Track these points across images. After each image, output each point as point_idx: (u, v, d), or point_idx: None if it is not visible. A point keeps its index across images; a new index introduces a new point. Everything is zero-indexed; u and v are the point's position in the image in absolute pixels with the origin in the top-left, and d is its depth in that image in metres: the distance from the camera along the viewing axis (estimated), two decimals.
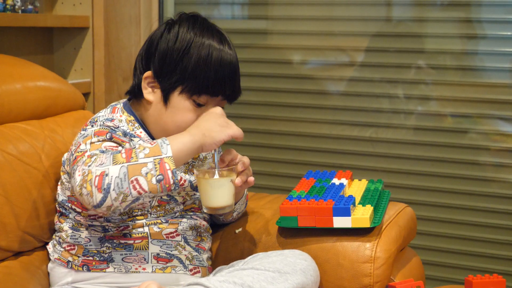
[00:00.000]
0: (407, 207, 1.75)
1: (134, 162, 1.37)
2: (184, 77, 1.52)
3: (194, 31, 1.54)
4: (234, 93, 1.57)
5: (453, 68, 2.37)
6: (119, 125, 1.53)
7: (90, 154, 1.42)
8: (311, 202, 1.59)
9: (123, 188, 1.36)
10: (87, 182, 1.36)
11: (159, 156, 1.38)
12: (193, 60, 1.52)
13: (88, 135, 1.49)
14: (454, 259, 2.39)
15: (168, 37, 1.55)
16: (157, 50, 1.55)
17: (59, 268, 1.57)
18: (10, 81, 1.70)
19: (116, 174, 1.36)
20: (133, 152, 1.38)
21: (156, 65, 1.55)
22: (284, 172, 2.57)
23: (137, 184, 1.36)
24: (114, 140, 1.49)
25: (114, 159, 1.37)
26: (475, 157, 2.35)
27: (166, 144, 1.40)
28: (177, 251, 1.56)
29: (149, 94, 1.56)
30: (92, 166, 1.37)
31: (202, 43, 1.53)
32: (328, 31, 2.51)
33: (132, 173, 1.36)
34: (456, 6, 2.36)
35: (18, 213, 1.55)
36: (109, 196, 1.36)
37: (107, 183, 1.35)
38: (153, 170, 1.37)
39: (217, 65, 1.52)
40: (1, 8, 2.06)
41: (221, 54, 1.53)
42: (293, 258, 1.52)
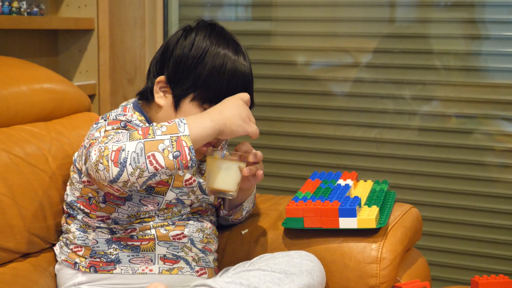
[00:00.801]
0: (412, 208, 1.75)
1: (151, 138, 1.37)
2: (197, 85, 1.52)
3: (210, 39, 1.55)
4: None
5: (457, 69, 2.38)
6: (131, 119, 1.54)
7: (106, 135, 1.42)
8: (317, 203, 1.59)
9: (139, 162, 1.36)
10: (103, 157, 1.36)
11: (176, 134, 1.39)
12: (206, 69, 1.52)
13: (101, 125, 1.50)
14: (460, 260, 2.39)
15: (184, 43, 1.55)
16: (172, 55, 1.56)
17: (66, 269, 1.57)
18: (16, 84, 1.70)
19: (133, 149, 1.36)
20: (150, 129, 1.39)
21: (170, 70, 1.55)
22: (289, 173, 2.57)
23: (154, 159, 1.36)
24: (128, 128, 1.50)
25: (130, 136, 1.38)
26: (480, 157, 2.35)
27: (184, 124, 1.41)
28: (184, 252, 1.56)
29: (160, 98, 1.56)
30: (109, 143, 1.38)
31: (217, 53, 1.53)
32: (332, 32, 2.51)
33: (148, 148, 1.36)
34: (460, 6, 2.36)
35: (25, 215, 1.56)
36: (125, 170, 1.35)
37: (124, 157, 1.35)
38: (170, 147, 1.37)
39: (230, 76, 1.53)
40: (6, 11, 2.07)
41: (235, 65, 1.53)
42: (299, 259, 1.53)
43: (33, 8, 2.17)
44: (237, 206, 1.69)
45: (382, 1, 2.43)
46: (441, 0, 2.38)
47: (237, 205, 1.69)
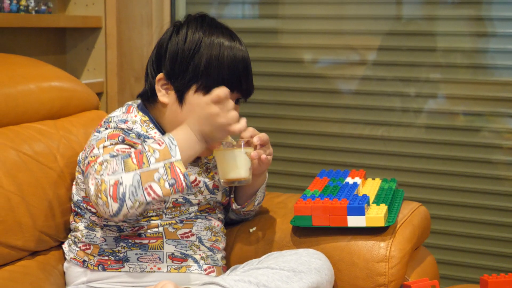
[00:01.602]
0: (421, 206, 1.75)
1: (146, 168, 1.37)
2: (198, 75, 1.52)
3: (203, 30, 1.54)
4: (249, 88, 1.58)
5: (465, 66, 2.37)
6: (132, 127, 1.53)
7: (101, 161, 1.42)
8: (325, 201, 1.59)
9: (137, 195, 1.37)
10: (101, 192, 1.37)
11: (169, 160, 1.39)
12: (204, 58, 1.52)
13: (101, 138, 1.49)
14: (469, 258, 2.39)
15: (177, 39, 1.55)
16: (167, 52, 1.55)
17: (75, 267, 1.57)
18: (24, 82, 1.70)
19: (130, 182, 1.36)
20: (144, 157, 1.39)
21: (168, 66, 1.55)
22: (296, 171, 2.57)
23: (151, 190, 1.37)
24: (126, 142, 1.49)
25: (125, 165, 1.38)
26: (488, 155, 2.35)
27: (175, 146, 1.40)
28: (192, 251, 1.56)
29: (163, 96, 1.56)
30: (104, 174, 1.37)
31: (212, 41, 1.53)
32: (338, 30, 2.51)
33: (145, 180, 1.37)
34: (466, 4, 2.36)
35: (34, 213, 1.56)
36: (124, 204, 1.37)
37: (122, 192, 1.36)
38: (165, 175, 1.38)
39: (229, 61, 1.52)
40: (14, 9, 2.08)
41: (232, 51, 1.53)
42: (308, 257, 1.53)
43: (41, 6, 2.17)
44: (251, 197, 1.68)
45: None
46: None
47: (250, 195, 1.68)
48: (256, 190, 1.67)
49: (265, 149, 1.58)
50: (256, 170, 1.58)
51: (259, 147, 1.56)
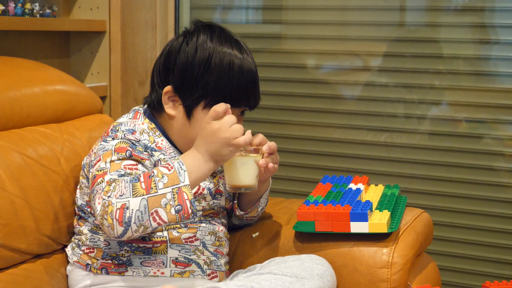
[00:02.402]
0: (423, 213, 1.75)
1: (153, 193, 1.38)
2: (207, 93, 1.52)
3: (213, 42, 1.54)
4: (256, 101, 1.58)
5: (467, 73, 2.37)
6: (140, 138, 1.53)
7: (109, 180, 1.42)
8: (328, 207, 1.59)
9: (143, 220, 1.38)
10: (108, 214, 1.38)
11: (177, 185, 1.40)
12: (214, 75, 1.52)
13: (108, 149, 1.49)
14: (471, 265, 2.39)
15: (187, 49, 1.54)
16: (176, 64, 1.55)
17: (78, 270, 1.57)
18: (29, 85, 1.71)
19: (137, 207, 1.38)
20: (152, 182, 1.39)
21: (177, 80, 1.54)
22: (298, 177, 2.57)
23: (157, 215, 1.38)
24: (133, 158, 1.49)
25: (134, 189, 1.39)
26: (490, 162, 2.35)
27: (184, 171, 1.41)
28: (196, 255, 1.57)
29: (171, 108, 1.56)
30: (112, 196, 1.38)
31: (223, 56, 1.52)
32: (342, 36, 2.51)
33: (152, 205, 1.38)
34: (469, 11, 2.36)
35: (37, 216, 1.56)
36: (130, 228, 1.38)
37: (128, 216, 1.37)
38: (172, 201, 1.39)
39: (239, 77, 1.53)
40: (19, 12, 2.08)
41: (242, 64, 1.53)
42: (310, 263, 1.53)
43: (45, 10, 2.18)
44: (254, 203, 1.69)
45: (392, 5, 2.43)
46: (451, 5, 2.38)
47: (254, 202, 1.68)
48: (260, 196, 1.68)
49: (273, 157, 1.58)
50: (261, 177, 1.58)
51: (267, 155, 1.56)
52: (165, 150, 1.56)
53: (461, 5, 2.37)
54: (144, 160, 1.50)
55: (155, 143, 1.55)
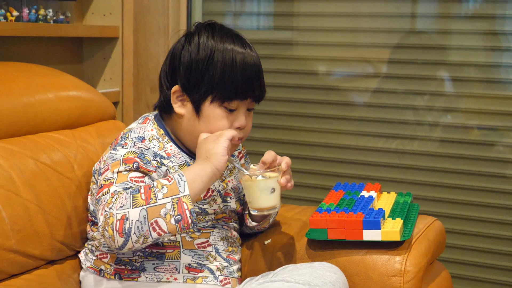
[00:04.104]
0: (436, 221, 1.75)
1: (153, 204, 1.40)
2: (213, 86, 1.53)
3: (214, 38, 1.56)
4: (261, 93, 1.59)
5: (478, 80, 2.37)
6: (149, 145, 1.54)
7: (114, 193, 1.43)
8: (341, 214, 1.59)
9: (143, 230, 1.39)
10: (109, 225, 1.39)
11: (177, 196, 1.41)
12: (219, 68, 1.53)
13: (117, 159, 1.50)
14: (483, 273, 2.38)
15: (189, 48, 1.56)
16: (181, 63, 1.57)
17: (91, 276, 1.58)
18: (43, 91, 1.72)
19: (136, 217, 1.39)
20: (152, 192, 1.41)
21: (183, 78, 1.56)
22: (310, 183, 2.57)
23: (157, 225, 1.40)
24: (140, 170, 1.50)
25: (134, 200, 1.40)
26: (502, 169, 2.35)
27: (184, 182, 1.43)
28: (208, 261, 1.57)
29: (180, 107, 1.57)
30: (113, 208, 1.40)
31: (225, 50, 1.54)
32: (353, 43, 2.51)
33: (151, 215, 1.39)
34: (480, 18, 2.36)
35: (51, 222, 1.57)
36: (130, 239, 1.39)
37: (128, 227, 1.39)
38: (172, 211, 1.40)
39: (242, 69, 1.54)
40: (33, 18, 2.09)
41: (244, 57, 1.54)
42: (323, 270, 1.53)
43: (59, 16, 2.19)
44: (266, 216, 1.70)
45: (403, 12, 2.43)
46: (462, 12, 2.38)
47: (266, 215, 1.69)
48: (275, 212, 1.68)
49: (289, 172, 1.59)
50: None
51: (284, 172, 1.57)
52: (174, 155, 1.57)
53: (472, 12, 2.37)
54: (151, 172, 1.50)
55: (164, 149, 1.56)
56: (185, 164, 1.57)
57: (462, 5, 2.39)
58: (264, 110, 2.57)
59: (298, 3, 2.57)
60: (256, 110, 1.64)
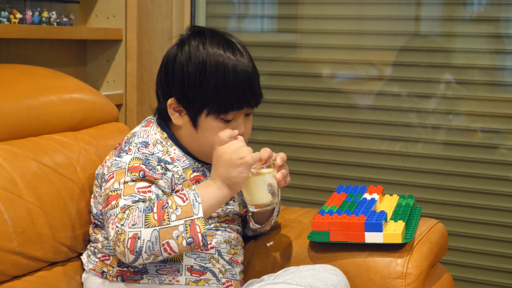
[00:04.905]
0: (438, 223, 1.75)
1: (166, 225, 1.40)
2: (207, 101, 1.53)
3: (205, 49, 1.54)
4: (257, 99, 1.58)
5: (482, 83, 2.37)
6: (153, 150, 1.54)
7: (124, 207, 1.43)
8: (343, 217, 1.60)
9: (154, 250, 1.40)
10: (120, 242, 1.40)
11: (190, 218, 1.41)
12: (211, 82, 1.52)
13: (122, 167, 1.50)
14: (485, 276, 2.37)
15: (181, 59, 1.55)
16: (174, 76, 1.56)
17: (94, 278, 1.58)
18: (47, 93, 1.72)
19: (148, 237, 1.39)
20: (166, 213, 1.41)
21: (177, 92, 1.56)
22: (313, 186, 2.57)
23: (168, 246, 1.40)
24: (147, 178, 1.49)
25: (146, 219, 1.40)
26: (506, 173, 2.34)
27: (198, 203, 1.43)
28: (211, 264, 1.57)
29: (177, 118, 1.57)
30: (125, 225, 1.40)
31: (216, 62, 1.53)
32: (357, 45, 2.51)
33: (163, 236, 1.40)
34: (485, 21, 2.36)
35: (53, 224, 1.57)
36: (140, 257, 1.41)
37: (139, 246, 1.39)
38: (184, 233, 1.41)
39: (234, 79, 1.53)
40: (37, 21, 2.10)
41: (236, 67, 1.53)
42: (325, 273, 1.53)
43: (62, 18, 2.20)
44: (268, 215, 1.69)
45: (408, 14, 2.43)
46: (467, 14, 2.38)
47: (268, 213, 1.69)
48: (273, 208, 1.68)
49: (284, 167, 1.59)
50: None
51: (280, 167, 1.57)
52: (178, 159, 1.57)
53: (477, 15, 2.37)
54: (158, 180, 1.50)
55: (168, 153, 1.56)
56: (189, 167, 1.58)
57: (466, 8, 2.39)
58: (267, 112, 2.57)
59: (302, 6, 2.58)
60: (259, 112, 1.64)
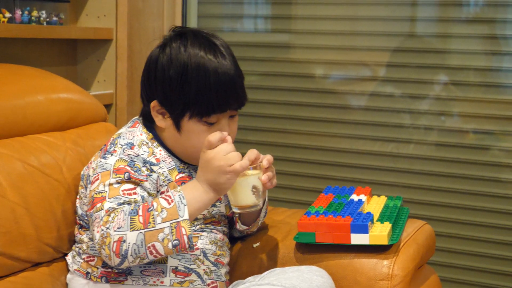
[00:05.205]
0: (426, 225, 1.74)
1: (151, 228, 1.40)
2: (189, 104, 1.52)
3: (186, 52, 1.53)
4: (240, 102, 1.57)
5: (476, 84, 2.36)
6: (138, 152, 1.54)
7: (109, 209, 1.43)
8: (329, 218, 1.59)
9: (140, 253, 1.40)
10: (106, 245, 1.40)
11: (176, 220, 1.41)
12: (193, 86, 1.51)
13: (107, 169, 1.49)
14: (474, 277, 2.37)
15: (162, 62, 1.54)
16: (156, 79, 1.55)
17: (78, 279, 1.58)
18: (33, 93, 1.71)
19: (134, 241, 1.39)
20: (151, 216, 1.40)
21: (160, 95, 1.55)
22: (304, 186, 2.57)
23: (154, 249, 1.40)
24: (132, 180, 1.49)
25: (131, 222, 1.40)
26: (496, 174, 2.34)
27: (184, 205, 1.42)
28: (196, 265, 1.56)
29: (161, 121, 1.57)
30: (111, 228, 1.40)
31: (197, 65, 1.51)
32: (350, 46, 2.51)
33: (149, 239, 1.40)
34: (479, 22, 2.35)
35: (38, 225, 1.56)
36: (126, 260, 1.41)
37: (125, 249, 1.39)
38: (170, 235, 1.40)
39: (216, 82, 1.51)
40: (26, 20, 2.09)
41: (217, 70, 1.52)
42: (310, 274, 1.52)
43: (52, 18, 2.19)
44: (255, 216, 1.69)
45: (400, 15, 2.43)
46: (461, 15, 2.37)
47: (255, 215, 1.68)
48: (260, 209, 1.67)
49: (271, 170, 1.58)
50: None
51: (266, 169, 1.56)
52: (164, 160, 1.56)
53: (473, 16, 2.36)
54: (143, 182, 1.50)
55: (154, 155, 1.55)
56: (175, 169, 1.57)
57: (460, 9, 2.38)
58: (259, 113, 2.56)
59: (295, 6, 2.57)
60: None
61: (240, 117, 1.62)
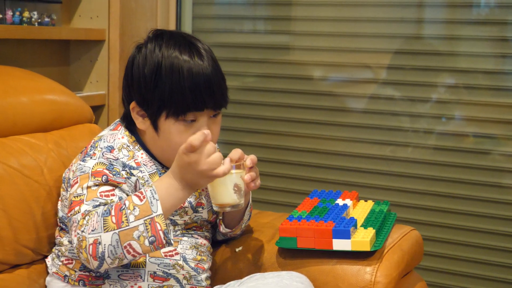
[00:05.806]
0: (413, 230, 1.71)
1: (125, 227, 1.37)
2: (164, 103, 1.50)
3: (161, 51, 1.51)
4: (218, 101, 1.53)
5: (478, 88, 2.33)
6: (118, 155, 1.52)
7: (84, 213, 1.41)
8: (311, 223, 1.56)
9: (117, 253, 1.38)
10: (83, 248, 1.38)
11: (150, 216, 1.38)
12: (167, 85, 1.49)
13: (85, 172, 1.48)
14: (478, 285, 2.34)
15: (138, 62, 1.53)
16: (133, 79, 1.54)
17: (56, 282, 1.56)
18: (16, 94, 1.70)
19: (109, 242, 1.37)
20: (124, 215, 1.38)
21: (137, 95, 1.53)
22: (298, 189, 2.55)
23: (131, 248, 1.38)
24: (110, 183, 1.47)
25: (104, 224, 1.37)
26: (494, 179, 2.31)
27: (156, 200, 1.39)
28: (175, 270, 1.54)
29: (141, 123, 1.55)
30: (85, 231, 1.38)
31: (171, 64, 1.49)
32: (349, 48, 2.49)
33: (124, 239, 1.37)
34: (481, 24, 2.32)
35: (16, 226, 1.55)
36: (104, 262, 1.38)
37: (101, 251, 1.37)
38: (145, 232, 1.37)
39: (190, 82, 1.49)
40: (17, 21, 2.08)
41: (191, 69, 1.49)
42: (290, 280, 1.49)
43: (44, 18, 2.18)
44: (239, 219, 1.66)
45: (400, 17, 2.40)
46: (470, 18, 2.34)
47: (238, 217, 1.66)
48: (243, 211, 1.65)
49: (255, 171, 1.55)
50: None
51: (249, 169, 1.53)
52: (145, 164, 1.54)
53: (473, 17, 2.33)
54: (121, 184, 1.48)
55: (134, 158, 1.53)
56: (156, 173, 1.55)
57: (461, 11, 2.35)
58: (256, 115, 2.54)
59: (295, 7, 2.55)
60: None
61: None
